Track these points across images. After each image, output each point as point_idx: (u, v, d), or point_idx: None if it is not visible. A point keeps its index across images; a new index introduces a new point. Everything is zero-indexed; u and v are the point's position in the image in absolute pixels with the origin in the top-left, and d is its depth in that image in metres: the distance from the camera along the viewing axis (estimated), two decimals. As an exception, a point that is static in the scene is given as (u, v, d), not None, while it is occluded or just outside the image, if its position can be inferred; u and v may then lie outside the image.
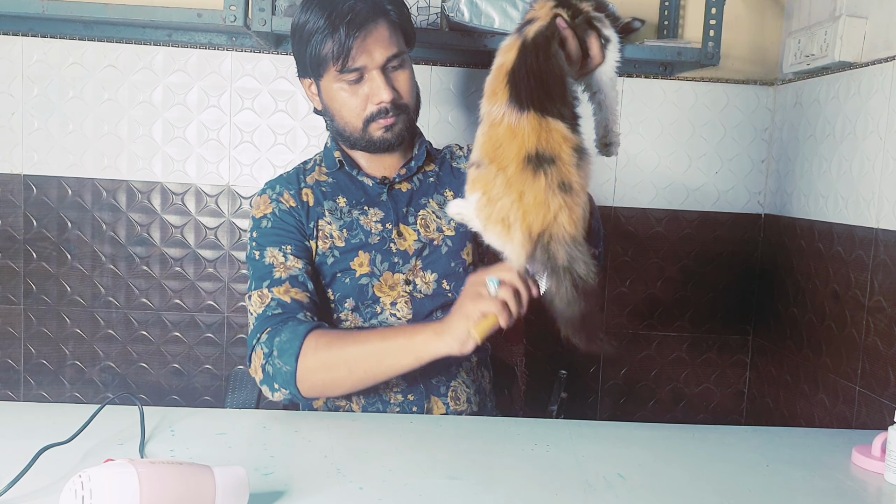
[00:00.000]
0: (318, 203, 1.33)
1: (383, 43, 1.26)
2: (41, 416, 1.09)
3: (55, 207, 1.90)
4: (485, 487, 0.93)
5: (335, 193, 1.34)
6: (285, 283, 1.25)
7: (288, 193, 1.33)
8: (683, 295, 2.04)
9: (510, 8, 1.68)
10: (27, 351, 1.94)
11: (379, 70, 1.26)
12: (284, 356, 1.18)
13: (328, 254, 1.30)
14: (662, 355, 2.06)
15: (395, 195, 1.36)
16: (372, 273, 1.30)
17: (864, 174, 1.60)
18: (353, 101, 1.28)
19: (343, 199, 1.34)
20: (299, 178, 1.36)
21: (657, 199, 2.01)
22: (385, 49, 1.26)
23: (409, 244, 1.32)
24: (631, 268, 2.03)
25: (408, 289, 1.31)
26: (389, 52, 1.26)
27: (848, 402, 1.64)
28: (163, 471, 0.76)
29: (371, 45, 1.25)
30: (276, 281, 1.25)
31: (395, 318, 1.30)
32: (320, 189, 1.35)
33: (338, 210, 1.33)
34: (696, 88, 1.98)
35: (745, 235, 2.04)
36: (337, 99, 1.30)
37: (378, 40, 1.25)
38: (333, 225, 1.31)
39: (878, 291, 1.54)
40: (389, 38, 1.27)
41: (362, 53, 1.24)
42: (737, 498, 0.94)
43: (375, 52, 1.25)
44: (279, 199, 1.33)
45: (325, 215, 1.32)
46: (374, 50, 1.25)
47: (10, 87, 1.87)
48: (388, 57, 1.26)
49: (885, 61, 1.55)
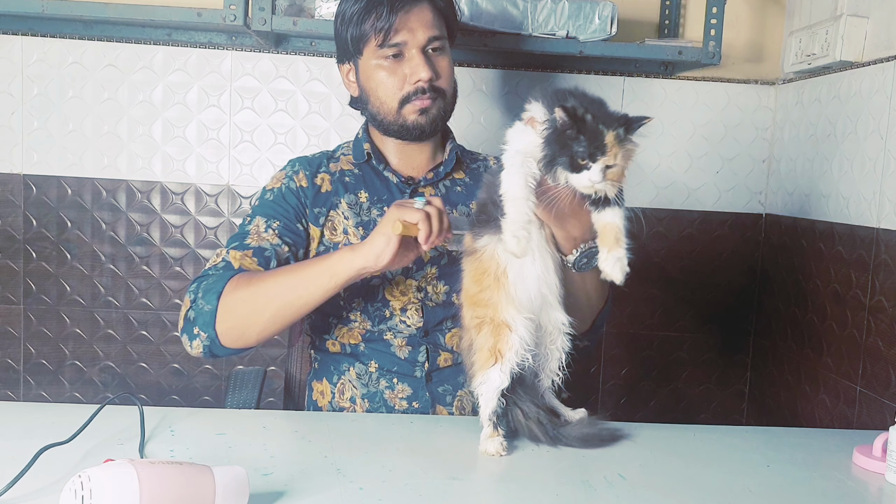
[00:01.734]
0: (335, 192, 1.32)
1: (426, 23, 1.26)
2: (41, 416, 1.09)
3: (55, 207, 1.90)
4: (485, 487, 0.93)
5: (358, 187, 1.33)
6: (247, 251, 1.23)
7: (303, 173, 1.33)
8: (684, 295, 2.04)
9: (510, 7, 1.67)
10: (27, 351, 1.94)
11: (419, 49, 1.26)
12: (207, 296, 1.17)
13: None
14: (663, 355, 2.06)
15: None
16: (384, 276, 1.28)
17: (865, 174, 1.60)
18: (390, 79, 1.28)
19: (365, 195, 1.33)
20: (321, 163, 1.36)
21: (658, 198, 2.01)
22: (427, 29, 1.26)
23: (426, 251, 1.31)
24: (632, 267, 2.02)
25: (419, 296, 1.29)
26: (431, 32, 1.27)
27: (849, 402, 1.63)
28: (163, 471, 0.76)
29: (414, 23, 1.25)
30: (241, 246, 1.24)
31: (404, 324, 1.28)
32: (343, 179, 1.34)
33: (357, 205, 1.32)
34: (697, 88, 1.98)
35: (745, 235, 2.04)
36: (374, 77, 1.29)
37: (421, 19, 1.26)
38: (350, 220, 1.30)
39: (879, 291, 1.54)
40: (433, 19, 1.27)
41: (404, 29, 1.25)
42: (738, 498, 0.93)
43: (418, 31, 1.26)
44: (293, 178, 1.33)
45: (342, 207, 1.31)
46: (416, 28, 1.25)
47: (10, 86, 1.87)
48: (429, 37, 1.26)
49: (887, 61, 1.55)
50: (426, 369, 1.28)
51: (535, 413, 1.06)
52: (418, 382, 1.28)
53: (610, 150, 0.97)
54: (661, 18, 1.95)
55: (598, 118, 0.97)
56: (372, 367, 1.29)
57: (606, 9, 1.69)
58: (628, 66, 1.95)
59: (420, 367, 1.28)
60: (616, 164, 0.98)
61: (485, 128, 1.95)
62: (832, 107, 1.74)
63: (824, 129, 1.77)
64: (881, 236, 1.54)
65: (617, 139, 0.98)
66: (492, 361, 1.03)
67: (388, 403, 1.28)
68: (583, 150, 0.96)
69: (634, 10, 1.95)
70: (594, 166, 0.97)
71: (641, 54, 1.76)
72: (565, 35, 1.70)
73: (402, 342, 1.28)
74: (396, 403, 1.28)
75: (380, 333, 1.28)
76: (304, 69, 1.91)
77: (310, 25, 1.64)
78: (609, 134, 0.97)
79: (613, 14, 1.70)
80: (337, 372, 1.31)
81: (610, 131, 0.97)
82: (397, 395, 1.28)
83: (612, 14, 1.69)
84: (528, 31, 1.69)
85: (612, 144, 0.97)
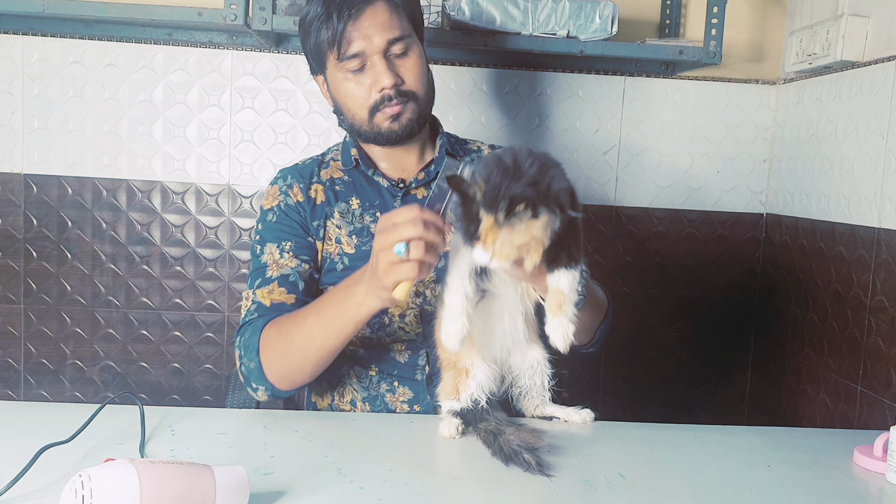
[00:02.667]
0: (328, 202, 1.29)
1: (382, 26, 1.20)
2: (41, 416, 1.09)
3: (55, 206, 1.90)
4: (485, 487, 0.93)
5: (349, 194, 1.30)
6: (272, 284, 1.23)
7: (298, 187, 1.30)
8: (685, 295, 2.04)
9: (511, 7, 1.67)
10: (27, 350, 1.94)
11: (381, 55, 1.20)
12: (248, 354, 1.17)
13: (338, 261, 1.27)
14: (664, 355, 2.06)
15: (409, 201, 1.30)
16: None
17: (866, 173, 1.60)
18: (357, 90, 1.23)
19: (356, 201, 1.30)
20: (313, 172, 1.32)
21: (659, 198, 2.01)
22: (384, 32, 1.20)
23: None
24: (632, 267, 2.02)
25: (418, 301, 1.27)
26: (390, 35, 1.20)
27: (849, 402, 1.63)
28: (163, 470, 0.76)
29: (368, 29, 1.19)
30: (265, 281, 1.24)
31: (403, 331, 1.27)
32: (334, 187, 1.31)
33: (349, 213, 1.29)
34: (698, 87, 1.98)
35: (746, 235, 2.03)
36: (342, 90, 1.25)
37: (376, 24, 1.19)
38: (343, 230, 1.28)
39: (880, 291, 1.54)
40: (389, 20, 1.21)
41: (359, 38, 1.19)
42: (738, 498, 0.93)
43: (374, 36, 1.19)
44: (288, 193, 1.30)
45: (335, 217, 1.28)
46: (372, 34, 1.19)
47: (11, 85, 1.87)
48: (388, 40, 1.20)
49: (888, 60, 1.55)
50: (427, 373, 1.27)
51: (495, 426, 1.05)
52: (419, 386, 1.27)
53: (485, 237, 0.91)
54: (662, 18, 1.95)
55: (486, 199, 0.89)
56: (372, 371, 1.28)
57: (607, 8, 1.69)
58: (629, 65, 1.95)
59: (421, 371, 1.28)
60: (504, 245, 0.91)
61: (485, 127, 1.95)
62: (833, 106, 1.73)
63: (825, 129, 1.76)
64: (882, 236, 1.54)
65: (496, 225, 0.90)
66: (452, 396, 1.10)
67: (390, 407, 1.27)
68: (468, 229, 0.91)
69: (635, 9, 1.95)
70: (477, 247, 0.92)
71: (642, 54, 1.76)
72: (566, 35, 1.69)
73: (401, 347, 1.27)
74: (398, 407, 1.27)
75: (379, 339, 1.27)
76: (305, 69, 1.89)
77: (310, 25, 1.64)
78: (487, 220, 0.90)
79: (614, 14, 1.70)
80: (337, 375, 1.30)
81: (489, 216, 0.90)
82: (398, 398, 1.27)
83: (612, 14, 1.69)
84: (529, 31, 1.69)
85: (489, 230, 0.90)
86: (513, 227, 0.90)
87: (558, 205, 0.90)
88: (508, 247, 0.91)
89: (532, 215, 0.90)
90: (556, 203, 0.90)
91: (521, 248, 0.92)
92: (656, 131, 1.98)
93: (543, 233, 0.91)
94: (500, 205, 0.89)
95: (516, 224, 0.90)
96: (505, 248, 0.91)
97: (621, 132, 1.97)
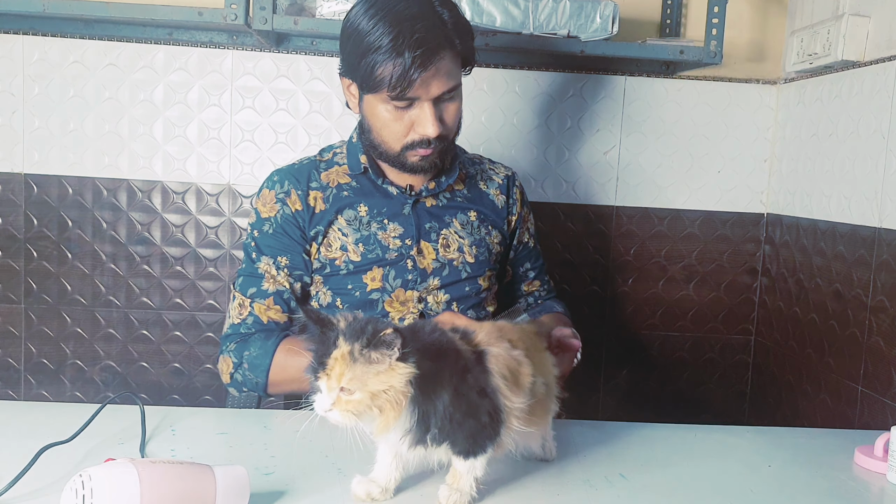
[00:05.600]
0: (331, 209, 1.29)
1: (443, 78, 1.19)
2: (42, 416, 1.09)
3: (56, 206, 1.90)
4: (485, 487, 0.93)
5: (357, 200, 1.30)
6: (269, 298, 1.27)
7: (295, 194, 1.29)
8: (685, 295, 2.04)
9: (512, 6, 1.67)
10: (28, 350, 1.94)
11: (430, 102, 1.20)
12: (256, 371, 1.23)
13: (342, 267, 1.27)
14: (664, 355, 2.06)
15: (419, 209, 1.31)
16: (383, 289, 1.28)
17: (866, 173, 1.60)
18: (396, 125, 1.22)
19: (364, 208, 1.29)
20: (311, 175, 1.31)
21: (659, 197, 2.01)
22: (443, 84, 1.19)
23: (429, 262, 1.30)
24: (633, 267, 2.02)
25: (420, 307, 1.29)
26: (447, 87, 1.20)
27: (850, 403, 1.63)
28: (163, 470, 0.76)
29: (431, 79, 1.18)
30: (262, 293, 1.27)
31: None
32: (341, 193, 1.30)
33: (357, 220, 1.28)
34: (699, 87, 1.98)
35: (747, 235, 2.03)
36: (379, 117, 1.23)
37: (438, 75, 1.18)
38: (350, 237, 1.28)
39: (880, 291, 1.54)
40: (450, 71, 1.20)
41: (420, 86, 1.17)
42: (738, 498, 0.93)
43: (433, 86, 1.18)
44: (285, 201, 1.29)
45: (341, 223, 1.28)
46: (431, 83, 1.18)
47: (11, 85, 1.87)
48: (443, 91, 1.20)
49: (888, 60, 1.55)
50: None
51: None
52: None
53: (332, 366, 0.76)
54: (663, 18, 1.95)
55: (350, 328, 0.76)
56: None
57: (608, 8, 1.69)
58: (629, 65, 1.95)
59: None
60: (352, 390, 0.76)
61: (486, 127, 1.95)
62: (834, 106, 1.73)
63: (826, 129, 1.76)
64: (883, 236, 1.54)
65: (351, 355, 0.75)
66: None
67: None
68: (314, 360, 0.77)
69: (636, 9, 1.95)
70: (321, 382, 0.77)
71: (643, 54, 1.76)
72: (566, 34, 1.69)
73: None
74: None
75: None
76: (306, 68, 1.91)
77: (311, 25, 1.64)
78: (343, 347, 0.76)
79: (615, 13, 1.70)
80: None
81: (346, 343, 0.76)
82: None
83: (613, 13, 1.69)
84: (530, 31, 1.68)
85: (340, 359, 0.75)
86: (369, 364, 0.75)
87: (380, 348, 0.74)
88: (358, 398, 0.76)
89: (399, 357, 0.75)
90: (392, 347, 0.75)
91: (374, 397, 0.76)
92: (657, 131, 1.98)
93: (405, 386, 0.76)
94: (366, 328, 0.76)
95: (375, 364, 0.75)
96: (354, 398, 0.76)
97: (622, 132, 1.97)
